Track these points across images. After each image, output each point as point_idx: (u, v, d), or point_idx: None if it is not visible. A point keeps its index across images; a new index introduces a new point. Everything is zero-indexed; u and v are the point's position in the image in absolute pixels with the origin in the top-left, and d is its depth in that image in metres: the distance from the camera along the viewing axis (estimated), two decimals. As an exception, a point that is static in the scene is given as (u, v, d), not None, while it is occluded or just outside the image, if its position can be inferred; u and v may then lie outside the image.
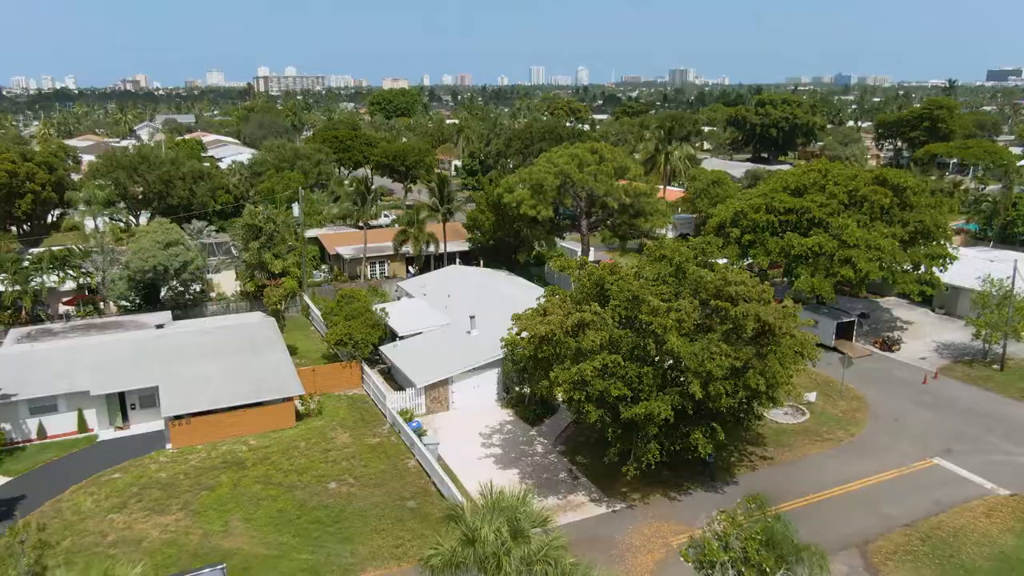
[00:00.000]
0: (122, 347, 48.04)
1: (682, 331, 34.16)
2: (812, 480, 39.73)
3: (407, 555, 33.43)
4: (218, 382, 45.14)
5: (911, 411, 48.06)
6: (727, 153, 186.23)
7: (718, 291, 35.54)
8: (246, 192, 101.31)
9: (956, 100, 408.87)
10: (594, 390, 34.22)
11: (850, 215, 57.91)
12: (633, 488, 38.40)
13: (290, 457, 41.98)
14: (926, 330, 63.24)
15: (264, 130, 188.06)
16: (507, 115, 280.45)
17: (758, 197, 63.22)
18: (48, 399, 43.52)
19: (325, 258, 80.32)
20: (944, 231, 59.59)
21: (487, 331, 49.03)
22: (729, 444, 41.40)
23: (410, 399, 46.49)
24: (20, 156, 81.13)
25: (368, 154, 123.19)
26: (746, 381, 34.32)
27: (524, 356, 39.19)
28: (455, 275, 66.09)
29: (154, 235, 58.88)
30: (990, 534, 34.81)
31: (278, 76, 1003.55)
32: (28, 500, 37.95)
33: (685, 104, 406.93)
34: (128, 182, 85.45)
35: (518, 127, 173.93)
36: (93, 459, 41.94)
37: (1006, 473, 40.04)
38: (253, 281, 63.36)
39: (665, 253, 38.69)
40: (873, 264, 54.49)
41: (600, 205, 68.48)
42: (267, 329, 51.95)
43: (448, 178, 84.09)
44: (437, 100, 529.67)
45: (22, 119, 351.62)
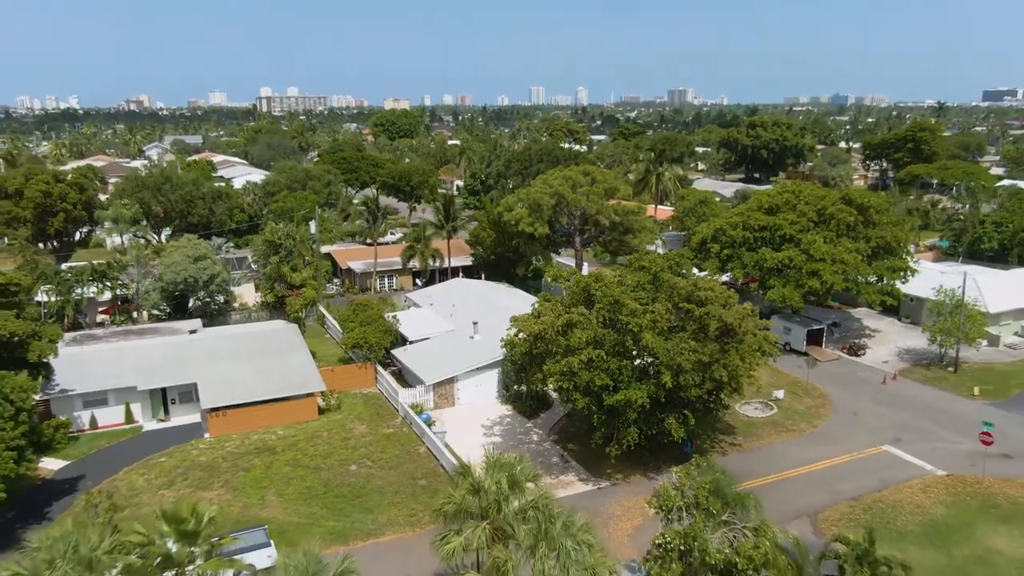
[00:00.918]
0: (162, 349, 53.69)
1: (656, 330, 39.84)
2: (775, 463, 45.23)
3: (420, 523, 38.86)
4: (249, 379, 50.75)
5: (869, 407, 53.60)
6: (719, 174, 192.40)
7: (688, 296, 41.25)
8: (260, 211, 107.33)
9: (945, 121, 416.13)
10: (581, 380, 39.87)
11: (818, 232, 63.77)
12: (616, 470, 43.88)
13: (314, 444, 47.50)
14: (891, 337, 68.83)
15: (272, 151, 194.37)
16: (507, 136, 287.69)
17: (736, 215, 69.15)
18: (99, 394, 49.09)
19: (337, 272, 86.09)
20: (904, 246, 65.46)
21: (488, 336, 54.59)
22: (702, 433, 47.06)
23: (420, 395, 52.02)
24: (53, 178, 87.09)
25: (374, 175, 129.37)
26: (712, 373, 39.95)
27: (521, 353, 44.76)
28: (459, 287, 71.86)
29: (185, 250, 64.68)
30: (924, 506, 40.29)
31: (280, 97, 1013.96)
32: (88, 479, 43.46)
33: (681, 125, 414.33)
34: (152, 201, 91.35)
35: (518, 148, 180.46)
36: (140, 446, 47.47)
37: (945, 457, 45.55)
38: (273, 292, 69.06)
39: (644, 264, 44.46)
40: (838, 276, 60.28)
41: (592, 223, 74.38)
42: (290, 334, 57.62)
43: (453, 198, 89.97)
44: (438, 120, 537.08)
45: (33, 139, 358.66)
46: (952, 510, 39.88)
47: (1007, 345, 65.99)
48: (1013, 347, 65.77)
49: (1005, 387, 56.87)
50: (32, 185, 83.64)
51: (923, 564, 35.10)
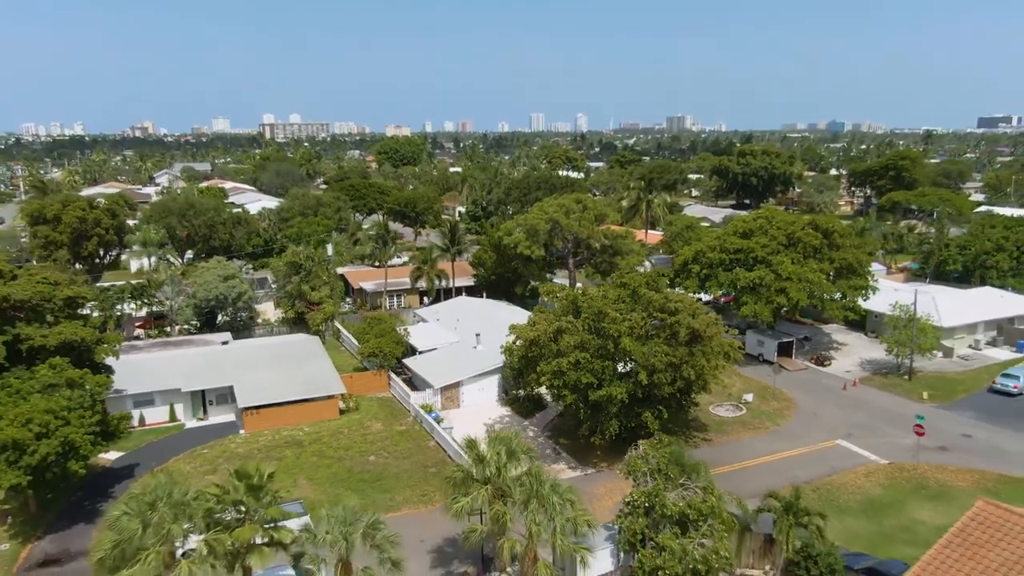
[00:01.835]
0: (200, 357, 60.48)
1: (633, 335, 46.64)
2: (740, 455, 51.80)
3: (431, 501, 45.40)
4: (278, 383, 57.45)
5: (829, 409, 60.23)
6: (711, 200, 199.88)
7: (661, 307, 48.11)
8: (274, 235, 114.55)
9: (937, 147, 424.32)
10: (569, 379, 46.61)
11: (787, 254, 70.70)
12: (600, 459, 50.43)
13: (337, 439, 54.11)
14: (857, 350, 75.51)
15: (281, 178, 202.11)
16: (507, 163, 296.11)
17: (714, 239, 76.18)
18: (148, 395, 55.79)
19: (349, 291, 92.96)
20: (865, 267, 72.37)
21: (490, 346, 61.30)
22: (677, 429, 53.60)
23: (429, 397, 58.65)
24: (88, 204, 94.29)
25: (381, 201, 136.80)
26: (681, 372, 46.68)
27: (519, 357, 51.49)
28: (463, 304, 78.73)
29: (215, 270, 71.64)
30: (864, 487, 46.84)
31: (283, 124, 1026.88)
32: (141, 467, 50.05)
33: (678, 152, 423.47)
34: (178, 226, 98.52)
35: (517, 176, 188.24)
36: (184, 440, 54.09)
37: (889, 449, 52.13)
38: (294, 308, 75.85)
39: (624, 280, 51.36)
40: (803, 293, 67.16)
41: (584, 246, 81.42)
42: (313, 345, 64.42)
43: (457, 223, 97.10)
44: (439, 147, 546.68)
45: (43, 166, 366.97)
46: (888, 491, 46.43)
47: (960, 356, 72.64)
48: (966, 358, 72.43)
49: (952, 392, 63.54)
50: (69, 211, 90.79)
51: (857, 531, 41.69)
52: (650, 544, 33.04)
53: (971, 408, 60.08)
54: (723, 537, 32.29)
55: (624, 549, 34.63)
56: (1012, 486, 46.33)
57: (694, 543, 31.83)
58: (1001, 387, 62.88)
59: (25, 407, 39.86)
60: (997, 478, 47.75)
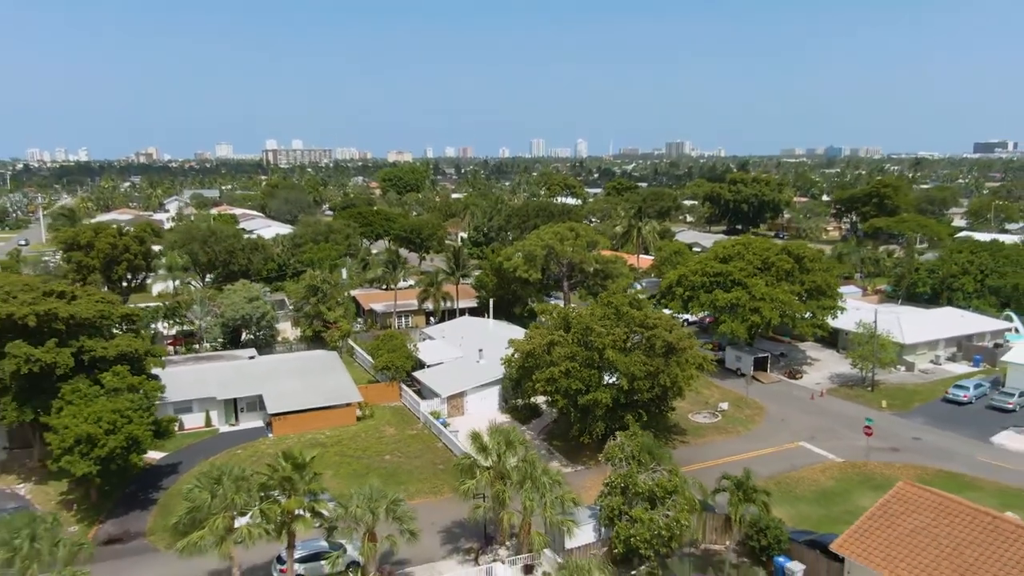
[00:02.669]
0: (231, 370, 67.35)
1: (616, 347, 53.55)
2: (713, 454, 58.44)
3: (440, 492, 52.03)
4: (302, 392, 64.24)
5: (796, 416, 66.96)
6: (704, 226, 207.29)
7: (641, 323, 55.09)
8: (288, 260, 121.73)
9: (926, 173, 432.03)
10: (561, 386, 53.49)
11: (762, 277, 77.75)
12: (589, 458, 57.05)
13: (355, 441, 60.82)
14: (828, 365, 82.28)
15: (290, 205, 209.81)
16: (507, 190, 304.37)
17: (697, 264, 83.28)
18: (186, 402, 62.56)
19: (360, 312, 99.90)
20: (833, 289, 79.38)
21: (491, 360, 68.12)
22: (658, 433, 60.21)
23: (437, 405, 65.39)
24: (118, 231, 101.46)
25: (388, 228, 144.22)
26: (658, 380, 53.53)
27: (517, 367, 58.34)
28: (466, 323, 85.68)
29: (241, 292, 78.69)
30: (819, 481, 53.52)
31: (286, 150, 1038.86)
32: (183, 465, 56.73)
33: (675, 178, 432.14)
34: (200, 252, 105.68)
35: (517, 202, 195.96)
36: (219, 443, 60.79)
37: (845, 449, 58.83)
38: (312, 327, 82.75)
39: (610, 300, 58.38)
40: (775, 312, 74.12)
41: (578, 270, 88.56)
42: (331, 359, 71.31)
43: (461, 249, 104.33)
44: (441, 173, 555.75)
45: (52, 192, 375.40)
46: (839, 483, 53.12)
47: (921, 370, 79.42)
48: (926, 372, 79.20)
49: (909, 402, 70.31)
50: (101, 238, 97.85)
51: (808, 515, 48.32)
52: (625, 518, 39.73)
53: (924, 415, 66.85)
54: (684, 510, 38.98)
55: (604, 523, 41.30)
56: (948, 479, 52.91)
57: (660, 514, 38.55)
58: (952, 397, 69.64)
59: (96, 407, 46.73)
60: (936, 472, 54.39)
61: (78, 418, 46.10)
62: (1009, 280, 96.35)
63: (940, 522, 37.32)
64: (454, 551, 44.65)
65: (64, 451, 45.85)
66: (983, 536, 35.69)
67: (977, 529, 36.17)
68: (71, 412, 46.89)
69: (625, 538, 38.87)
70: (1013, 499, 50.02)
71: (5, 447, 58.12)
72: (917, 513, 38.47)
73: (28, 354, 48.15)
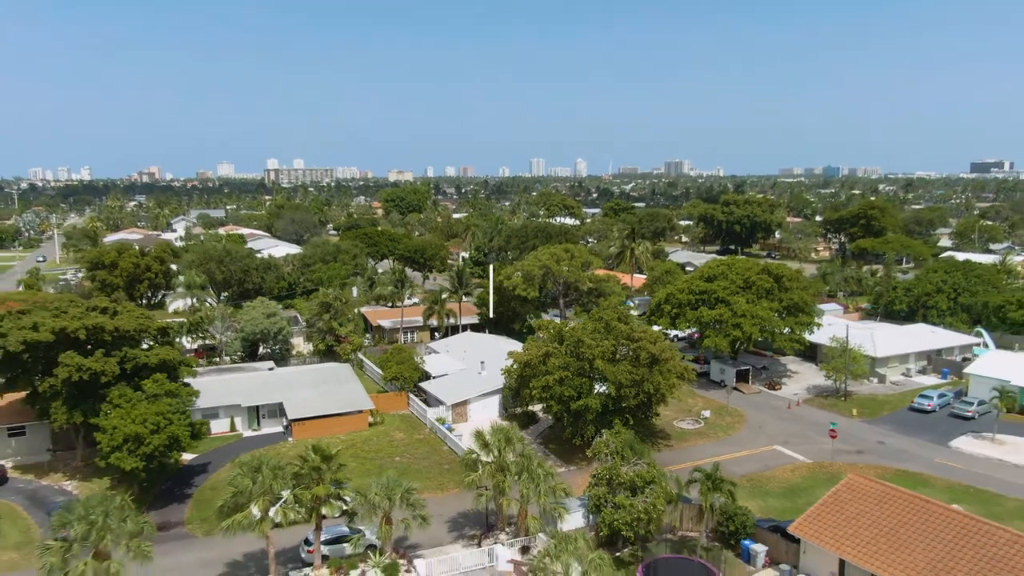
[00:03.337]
0: (253, 379, 73.19)
1: (605, 358, 59.48)
2: (694, 456, 64.08)
3: (445, 488, 57.71)
4: (318, 400, 70.03)
5: (773, 423, 72.71)
6: (697, 246, 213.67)
7: (628, 336, 61.06)
8: (297, 279, 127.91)
9: (920, 194, 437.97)
10: (555, 392, 59.36)
11: (743, 295, 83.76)
12: (580, 459, 62.71)
13: (368, 444, 66.53)
14: (807, 377, 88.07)
15: (296, 225, 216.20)
16: (507, 210, 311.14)
17: (684, 283, 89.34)
18: (213, 409, 68.31)
19: (368, 328, 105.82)
20: (810, 306, 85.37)
21: (492, 372, 73.97)
22: (645, 437, 65.97)
23: (442, 412, 71.18)
24: (140, 252, 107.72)
25: (393, 248, 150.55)
26: (643, 387, 59.40)
27: (516, 376, 64.21)
28: (469, 338, 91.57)
29: (260, 309, 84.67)
30: (788, 479, 59.23)
31: (288, 169, 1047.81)
32: (213, 464, 62.44)
33: (671, 198, 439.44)
34: (216, 271, 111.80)
35: (517, 222, 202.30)
36: (243, 446, 66.39)
37: (814, 452, 64.55)
38: (324, 342, 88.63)
39: (600, 315, 64.38)
40: (755, 328, 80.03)
41: (573, 288, 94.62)
42: (345, 371, 77.18)
43: (464, 269, 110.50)
44: (442, 193, 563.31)
45: (62, 211, 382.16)
46: (806, 481, 58.83)
47: (892, 382, 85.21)
48: (897, 383, 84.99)
49: (878, 410, 76.11)
50: (125, 258, 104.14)
51: (776, 507, 53.98)
52: (610, 505, 45.49)
53: (891, 422, 72.62)
54: (660, 497, 44.73)
55: (592, 511, 47.05)
56: (906, 477, 58.56)
57: (640, 501, 44.33)
58: (918, 406, 75.42)
59: (140, 409, 52.60)
60: (895, 472, 60.07)
61: (126, 419, 51.93)
62: (980, 298, 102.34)
63: (881, 507, 43.17)
64: (459, 537, 50.30)
65: (113, 448, 51.63)
66: (915, 517, 41.54)
67: (911, 512, 42.04)
68: (119, 414, 52.75)
69: (610, 522, 44.62)
70: (961, 494, 55.70)
71: (49, 449, 63.84)
72: (862, 500, 44.33)
73: (79, 363, 54.05)
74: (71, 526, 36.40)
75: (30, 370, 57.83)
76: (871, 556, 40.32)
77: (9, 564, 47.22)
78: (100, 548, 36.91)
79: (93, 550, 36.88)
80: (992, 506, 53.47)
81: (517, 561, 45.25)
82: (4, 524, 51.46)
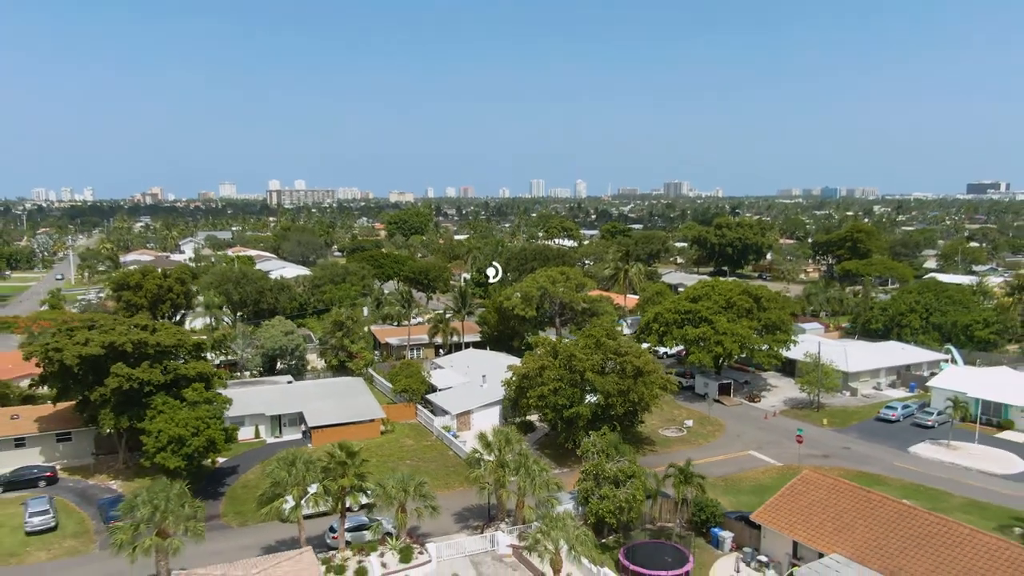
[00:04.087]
0: (273, 392, 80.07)
1: (595, 371, 66.42)
2: (676, 460, 70.30)
3: (452, 487, 64.40)
4: (334, 410, 76.86)
5: (750, 431, 79.48)
6: (690, 268, 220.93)
7: (615, 351, 68.05)
8: (308, 299, 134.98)
9: (915, 216, 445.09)
10: (550, 401, 66.26)
11: (725, 314, 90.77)
12: (573, 461, 69.37)
13: (381, 449, 73.27)
14: (785, 390, 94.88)
15: (303, 247, 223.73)
16: (507, 231, 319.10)
17: (671, 303, 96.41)
18: (240, 418, 75.01)
19: (376, 345, 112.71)
20: (788, 324, 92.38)
21: (492, 385, 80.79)
22: (630, 443, 72.69)
23: (447, 421, 77.98)
24: (162, 274, 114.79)
25: (398, 270, 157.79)
26: (629, 397, 66.29)
27: (515, 387, 71.08)
28: (471, 355, 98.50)
29: (279, 327, 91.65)
30: (759, 479, 65.94)
31: (289, 190, 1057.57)
32: (241, 467, 69.18)
33: (669, 220, 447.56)
34: (233, 292, 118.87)
35: (516, 244, 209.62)
36: (267, 451, 73.09)
37: (785, 456, 71.28)
38: (337, 357, 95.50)
39: (590, 332, 71.39)
40: (735, 344, 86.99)
41: (568, 308, 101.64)
42: (357, 384, 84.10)
43: (467, 290, 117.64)
44: (443, 215, 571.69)
45: (70, 232, 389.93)
46: (774, 481, 65.41)
47: (863, 395, 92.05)
48: (868, 396, 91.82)
49: (847, 420, 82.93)
50: (149, 280, 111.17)
51: (746, 502, 60.58)
52: (596, 496, 52.25)
53: (858, 431, 79.41)
54: (639, 488, 51.48)
55: (580, 502, 53.77)
56: (865, 478, 65.16)
57: (622, 492, 51.11)
58: (884, 416, 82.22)
59: (182, 414, 59.51)
60: (857, 473, 66.74)
61: (169, 423, 58.85)
62: (950, 318, 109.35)
63: (829, 497, 50.02)
64: (465, 527, 56.99)
65: (158, 449, 58.52)
66: (857, 505, 48.36)
67: (853, 501, 48.87)
68: (163, 419, 59.67)
69: (596, 511, 51.36)
70: (912, 492, 62.42)
71: (93, 453, 70.62)
72: (814, 491, 51.17)
73: (129, 373, 61.02)
74: (138, 508, 43.18)
75: (81, 381, 64.70)
76: (819, 537, 47.10)
77: (70, 549, 53.93)
78: (162, 528, 43.66)
79: (157, 529, 43.62)
80: (939, 502, 60.18)
81: (515, 545, 51.91)
82: (61, 517, 58.11)
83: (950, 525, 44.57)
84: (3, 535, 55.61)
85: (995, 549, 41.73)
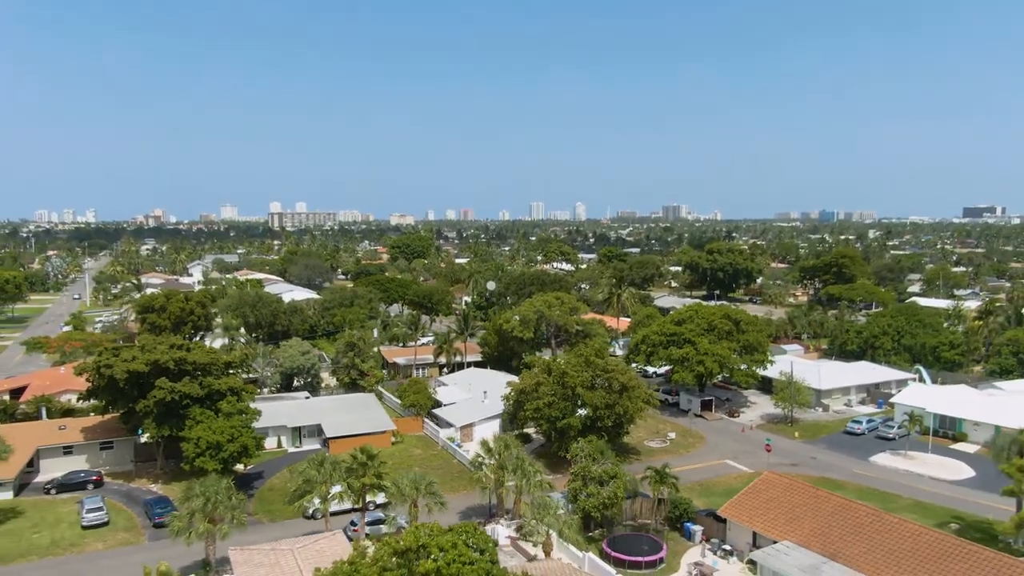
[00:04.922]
0: (293, 406, 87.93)
1: (584, 386, 74.38)
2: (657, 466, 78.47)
3: (456, 490, 72.06)
4: (349, 422, 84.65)
5: (727, 443, 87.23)
6: (683, 292, 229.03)
7: (603, 368, 76.06)
8: (318, 322, 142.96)
9: (906, 240, 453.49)
10: (544, 413, 74.16)
11: (706, 336, 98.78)
12: (565, 468, 76.79)
13: (391, 458, 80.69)
14: (763, 407, 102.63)
15: (309, 271, 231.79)
16: (507, 255, 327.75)
17: (657, 326, 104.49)
18: (264, 429, 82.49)
19: (384, 364, 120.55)
20: (765, 345, 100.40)
21: (493, 400, 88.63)
22: (617, 452, 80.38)
23: (452, 433, 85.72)
24: (184, 297, 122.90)
25: (403, 293, 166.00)
26: (615, 410, 74.19)
27: (513, 401, 78.98)
28: (473, 373, 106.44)
29: (296, 347, 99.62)
30: (732, 484, 73.50)
31: (291, 212, 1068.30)
32: (266, 472, 76.90)
33: (665, 243, 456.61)
34: (250, 314, 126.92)
35: (516, 268, 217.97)
36: (288, 460, 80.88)
37: (756, 464, 78.92)
38: (349, 375, 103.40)
39: (581, 352, 79.43)
40: (715, 364, 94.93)
41: (563, 330, 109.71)
42: (369, 399, 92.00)
43: (469, 313, 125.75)
44: (443, 237, 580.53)
45: (77, 255, 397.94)
46: (744, 485, 71.82)
47: (835, 411, 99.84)
48: (839, 412, 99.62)
49: (817, 433, 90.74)
50: (172, 303, 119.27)
51: (718, 503, 68.06)
52: (583, 494, 60.02)
53: (826, 443, 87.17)
54: (620, 487, 59.24)
55: (570, 500, 61.53)
56: (826, 483, 72.70)
57: (606, 490, 58.90)
58: (850, 429, 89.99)
59: (218, 423, 67.37)
60: (819, 479, 74.37)
61: (207, 432, 66.70)
62: (919, 339, 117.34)
63: (785, 494, 57.82)
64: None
65: (198, 454, 66.31)
66: (808, 501, 56.18)
67: (805, 497, 56.68)
68: (201, 428, 67.53)
69: (583, 507, 59.11)
70: (867, 495, 70.00)
71: (132, 460, 78.33)
72: (772, 489, 58.98)
73: (172, 387, 68.96)
74: (194, 498, 50.99)
75: (126, 395, 72.57)
76: (773, 528, 54.86)
77: (123, 541, 61.58)
78: (213, 516, 51.43)
79: (208, 517, 51.38)
80: (888, 503, 67.82)
81: (513, 537, 59.53)
82: (111, 514, 65.76)
83: (882, 516, 52.38)
84: (63, 529, 63.34)
85: (917, 534, 49.53)
